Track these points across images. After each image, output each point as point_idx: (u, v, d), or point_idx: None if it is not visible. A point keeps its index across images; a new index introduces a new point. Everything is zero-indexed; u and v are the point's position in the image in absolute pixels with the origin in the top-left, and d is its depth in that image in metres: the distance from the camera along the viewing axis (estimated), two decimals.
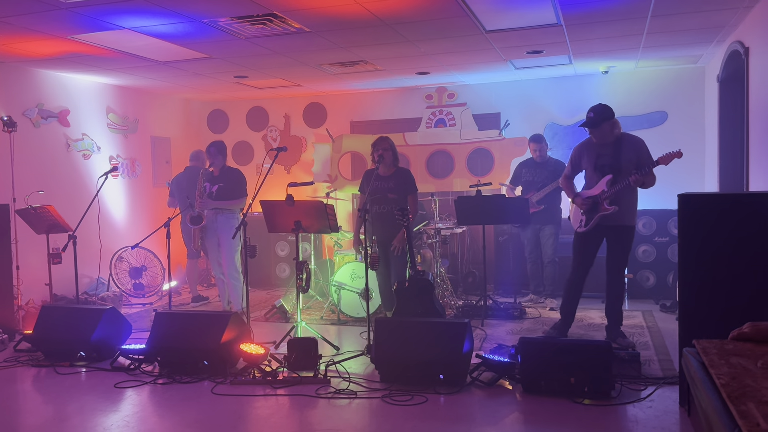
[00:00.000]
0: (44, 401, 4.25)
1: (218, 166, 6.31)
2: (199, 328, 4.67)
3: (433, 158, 8.24)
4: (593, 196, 4.94)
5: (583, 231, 5.03)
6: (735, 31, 5.85)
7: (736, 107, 6.20)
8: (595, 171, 4.97)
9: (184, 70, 7.00)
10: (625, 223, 4.94)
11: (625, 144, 4.93)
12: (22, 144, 6.59)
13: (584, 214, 5.02)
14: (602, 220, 4.92)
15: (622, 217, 4.90)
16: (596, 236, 5.03)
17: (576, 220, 5.14)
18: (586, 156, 5.05)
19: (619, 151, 4.90)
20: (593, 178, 5.00)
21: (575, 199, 5.07)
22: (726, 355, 2.03)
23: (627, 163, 4.87)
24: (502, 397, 4.00)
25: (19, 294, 6.18)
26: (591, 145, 5.04)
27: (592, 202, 4.94)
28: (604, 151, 4.94)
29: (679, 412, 3.66)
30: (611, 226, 4.94)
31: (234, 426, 3.66)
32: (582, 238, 5.09)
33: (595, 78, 7.92)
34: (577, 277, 5.13)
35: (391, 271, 5.67)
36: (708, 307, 3.51)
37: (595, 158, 4.97)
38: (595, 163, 4.97)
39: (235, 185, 6.25)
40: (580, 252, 5.11)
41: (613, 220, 4.91)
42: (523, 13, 5.09)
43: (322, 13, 4.94)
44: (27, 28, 5.15)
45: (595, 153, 4.99)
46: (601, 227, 4.96)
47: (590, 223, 4.97)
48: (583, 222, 5.04)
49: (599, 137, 4.93)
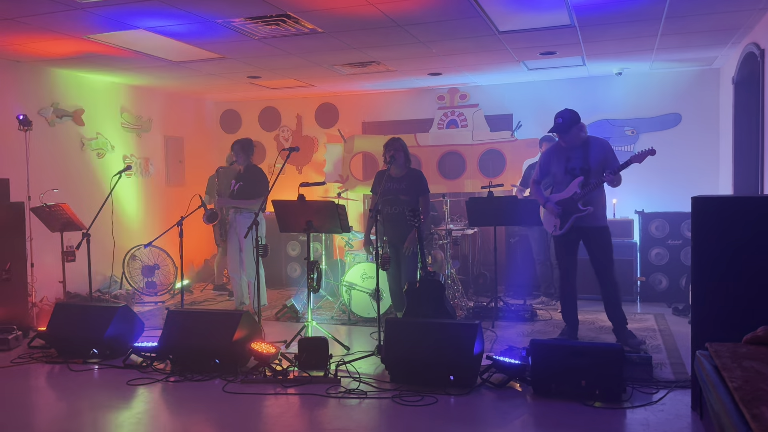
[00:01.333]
0: (57, 398, 4.30)
1: (242, 163, 6.35)
2: (210, 327, 4.70)
3: (445, 159, 8.24)
4: (565, 199, 5.06)
5: (560, 234, 5.15)
6: (750, 33, 5.80)
7: (751, 109, 6.16)
8: (566, 174, 5.11)
9: (197, 70, 7.04)
10: (599, 224, 5.08)
11: (593, 146, 5.09)
12: (37, 143, 6.66)
13: (558, 217, 5.12)
14: (577, 222, 5.04)
15: (596, 218, 5.05)
16: (572, 238, 5.16)
17: (549, 225, 5.27)
18: (556, 160, 5.19)
19: (588, 153, 5.05)
20: (563, 181, 5.13)
21: (546, 204, 5.19)
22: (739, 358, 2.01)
23: (596, 165, 5.02)
24: (512, 399, 3.99)
25: (34, 291, 6.24)
26: (560, 149, 5.18)
27: (564, 206, 5.06)
28: (574, 154, 5.09)
29: (691, 415, 3.64)
30: (586, 227, 5.07)
31: (244, 424, 3.68)
32: (560, 242, 5.23)
33: (608, 79, 7.88)
34: (567, 281, 5.25)
35: (401, 271, 5.67)
36: (721, 310, 3.48)
37: (565, 162, 5.11)
38: (566, 167, 5.11)
39: (254, 184, 6.26)
40: (562, 255, 5.26)
41: (587, 222, 5.04)
42: (537, 14, 5.08)
43: (335, 14, 4.95)
44: (43, 27, 5.20)
45: (564, 156, 5.13)
46: (576, 229, 5.09)
47: (565, 225, 5.09)
48: (557, 225, 5.15)
49: (568, 141, 5.07)
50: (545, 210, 5.26)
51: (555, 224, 5.16)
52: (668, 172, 7.59)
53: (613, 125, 7.87)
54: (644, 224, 7.00)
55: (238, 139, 6.44)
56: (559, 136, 5.10)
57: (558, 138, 5.17)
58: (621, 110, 7.86)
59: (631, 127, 7.81)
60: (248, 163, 6.37)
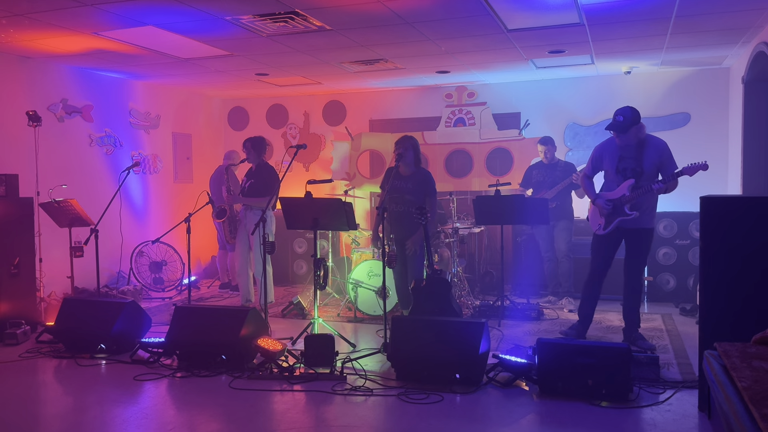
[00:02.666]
0: (64, 392, 4.32)
1: (253, 161, 6.34)
2: (217, 323, 4.71)
3: (452, 157, 8.22)
4: (614, 199, 4.89)
5: (603, 234, 5.00)
6: (761, 33, 5.77)
7: (761, 109, 6.12)
8: (617, 173, 4.92)
9: (206, 67, 7.06)
10: (644, 225, 4.90)
11: (649, 147, 4.86)
12: (46, 138, 6.69)
13: (604, 216, 4.98)
14: (621, 223, 4.89)
15: (642, 220, 4.87)
16: (615, 239, 5.00)
17: (595, 222, 5.10)
18: (608, 157, 4.99)
19: (642, 154, 4.84)
20: (614, 180, 4.95)
21: (596, 200, 5.01)
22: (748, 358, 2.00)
23: (650, 167, 4.82)
24: (518, 398, 3.98)
25: (42, 286, 6.27)
26: (613, 145, 4.97)
27: (613, 205, 4.90)
28: (627, 153, 4.88)
29: (699, 416, 3.62)
30: (630, 229, 4.90)
31: (251, 420, 3.69)
32: (601, 241, 5.06)
33: (617, 78, 7.85)
34: (595, 279, 5.10)
35: (408, 269, 5.67)
36: (729, 310, 3.47)
37: (617, 160, 4.91)
38: (617, 166, 4.91)
39: (264, 183, 6.27)
40: (598, 254, 5.09)
41: (633, 224, 4.88)
42: (546, 12, 5.06)
43: (343, 11, 4.95)
44: (53, 24, 5.22)
45: (617, 155, 4.92)
46: (620, 230, 4.93)
47: (610, 226, 4.93)
48: (602, 225, 5.00)
49: (624, 140, 4.86)
50: (594, 207, 5.09)
51: (600, 223, 5.01)
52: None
53: None
54: None
55: (250, 137, 6.42)
56: (616, 134, 4.88)
57: (614, 135, 4.94)
58: None
59: None
60: (260, 161, 6.37)
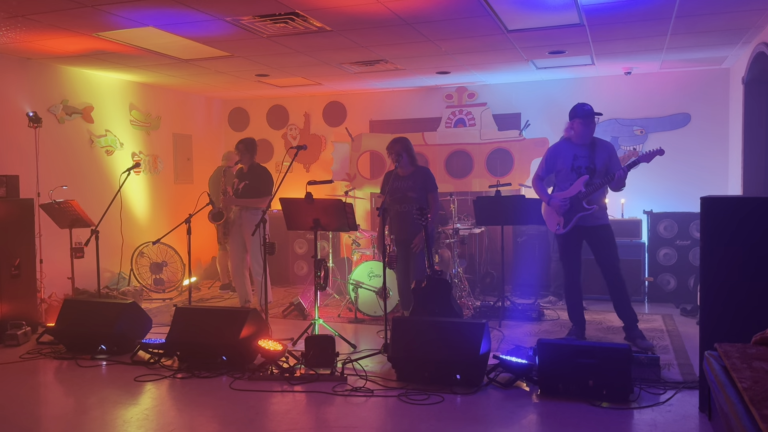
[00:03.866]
0: (65, 393, 4.32)
1: (246, 163, 6.33)
2: (218, 324, 4.71)
3: (452, 158, 8.22)
4: (570, 197, 5.06)
5: (563, 233, 5.15)
6: (761, 33, 5.77)
7: (761, 109, 6.12)
8: (572, 171, 5.12)
9: (206, 68, 7.06)
10: (602, 222, 5.12)
11: (599, 147, 5.12)
12: (46, 139, 6.70)
13: (562, 215, 5.11)
14: (580, 221, 5.05)
15: (598, 217, 5.08)
16: (575, 237, 5.17)
17: (552, 223, 5.26)
18: (562, 157, 5.19)
19: (594, 153, 5.08)
20: (568, 178, 5.13)
21: (551, 201, 5.18)
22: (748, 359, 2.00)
23: (601, 166, 5.06)
24: (519, 399, 3.98)
25: (42, 287, 6.28)
26: (567, 146, 5.19)
27: (570, 202, 5.05)
28: (581, 152, 5.12)
29: (699, 416, 3.62)
30: (589, 227, 5.09)
31: (251, 421, 3.69)
32: (564, 240, 5.22)
33: (617, 79, 7.85)
34: (572, 281, 5.26)
35: (409, 270, 5.67)
36: (730, 311, 3.47)
37: (572, 159, 5.13)
38: (572, 164, 5.13)
39: (260, 183, 6.26)
40: (566, 254, 5.26)
41: (590, 221, 5.06)
42: (546, 13, 5.06)
43: (343, 12, 4.96)
44: (53, 25, 5.23)
45: (572, 154, 5.15)
46: (579, 228, 5.10)
47: (569, 224, 5.09)
48: (561, 224, 5.15)
49: (590, 132, 5.08)
50: (549, 207, 5.24)
51: (558, 222, 5.16)
52: (677, 172, 7.56)
53: (622, 125, 7.84)
54: (653, 224, 6.97)
55: (243, 139, 6.42)
56: (588, 123, 5.03)
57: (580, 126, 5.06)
58: (630, 110, 7.82)
59: (639, 127, 7.78)
60: (252, 162, 6.37)
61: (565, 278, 5.32)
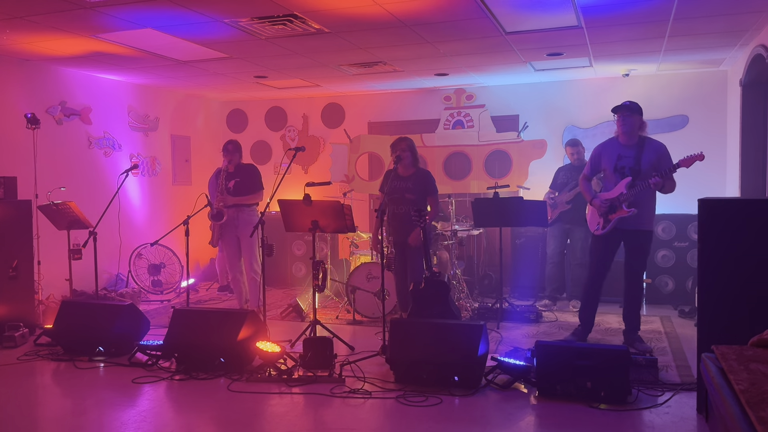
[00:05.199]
0: (63, 395, 4.32)
1: (235, 163, 6.33)
2: (216, 326, 4.71)
3: (451, 160, 8.23)
4: (611, 198, 4.91)
5: (601, 234, 5.01)
6: (759, 35, 5.78)
7: (758, 112, 6.13)
8: (615, 172, 4.94)
9: (204, 69, 7.06)
10: (643, 227, 4.91)
11: (647, 147, 4.89)
12: (44, 141, 6.69)
13: (602, 216, 4.99)
14: (620, 224, 4.89)
15: (641, 221, 4.87)
16: (614, 240, 5.01)
17: (593, 223, 5.12)
18: (607, 156, 5.02)
19: (641, 153, 4.86)
20: (612, 179, 4.97)
21: (593, 201, 5.05)
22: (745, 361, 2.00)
23: (647, 167, 4.83)
24: (517, 401, 3.98)
25: (40, 289, 6.27)
26: (613, 145, 5.01)
27: (610, 204, 4.91)
28: (626, 152, 4.91)
29: (697, 418, 3.63)
30: (629, 230, 4.90)
31: (249, 423, 3.68)
32: (599, 242, 5.06)
33: (615, 81, 7.86)
34: (594, 282, 5.10)
35: (406, 271, 5.66)
36: (727, 313, 3.47)
37: (616, 159, 4.94)
38: (615, 165, 4.93)
39: (250, 179, 6.26)
40: (597, 255, 5.09)
41: (632, 225, 4.87)
42: (544, 15, 5.07)
43: (342, 14, 4.96)
44: (51, 26, 5.22)
45: (616, 154, 4.95)
46: (618, 231, 4.93)
47: (608, 226, 4.94)
48: (600, 225, 5.01)
49: (627, 129, 4.87)
50: (591, 207, 5.12)
51: (599, 223, 5.02)
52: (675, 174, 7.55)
53: None
54: None
55: (231, 140, 6.40)
56: (621, 117, 4.87)
57: (617, 124, 4.95)
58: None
59: None
60: (239, 162, 6.36)
61: (589, 277, 5.17)
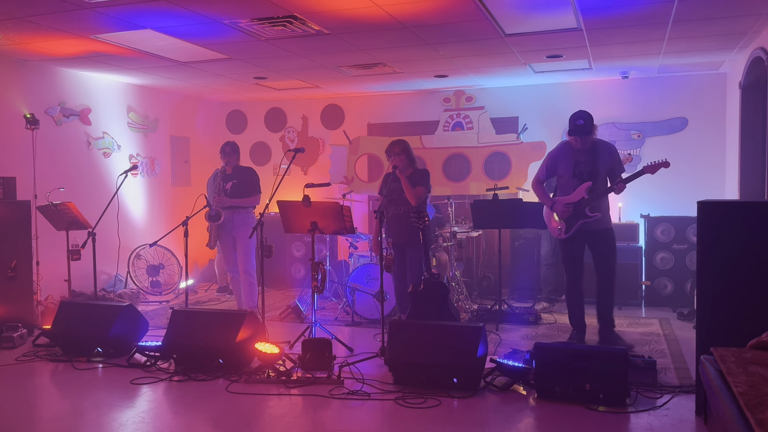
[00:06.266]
0: (61, 396, 4.31)
1: (233, 164, 6.33)
2: (214, 327, 4.70)
3: (450, 161, 8.23)
4: (573, 203, 5.02)
5: (566, 237, 5.11)
6: (758, 38, 5.79)
7: (757, 114, 6.14)
8: (573, 177, 5.06)
9: (204, 70, 7.06)
10: (606, 226, 5.08)
11: (601, 150, 5.05)
12: (44, 142, 6.69)
13: (564, 221, 5.09)
14: (584, 226, 5.02)
15: (603, 221, 5.03)
16: (579, 241, 5.13)
17: (554, 227, 5.22)
18: (564, 162, 5.13)
19: (596, 157, 5.01)
20: (570, 184, 5.08)
21: (555, 206, 5.14)
22: (744, 363, 2.00)
23: (604, 170, 5.00)
24: (515, 403, 3.98)
25: (39, 289, 6.26)
26: (569, 150, 5.13)
27: (573, 209, 5.02)
28: (582, 157, 5.05)
29: (695, 421, 3.62)
30: (593, 231, 5.05)
31: (248, 424, 3.68)
32: (566, 245, 5.18)
33: (615, 83, 7.87)
34: (574, 285, 5.21)
35: (405, 273, 5.66)
36: (726, 315, 3.47)
37: (574, 164, 5.06)
38: (574, 170, 5.06)
39: (248, 182, 6.25)
40: (569, 259, 5.21)
41: (594, 225, 5.02)
42: (544, 17, 5.08)
43: (341, 16, 4.96)
44: (51, 27, 5.22)
45: (573, 159, 5.08)
46: (582, 232, 5.07)
47: (571, 229, 5.06)
48: (562, 229, 5.12)
49: (582, 144, 5.02)
50: (551, 212, 5.21)
51: (560, 228, 5.13)
52: (674, 176, 7.52)
53: (619, 128, 7.85)
54: (650, 228, 6.98)
55: (229, 141, 6.40)
56: (581, 138, 5.00)
57: (576, 140, 5.03)
58: (627, 114, 7.84)
59: (637, 131, 7.79)
60: (237, 163, 6.36)
61: (567, 282, 5.29)
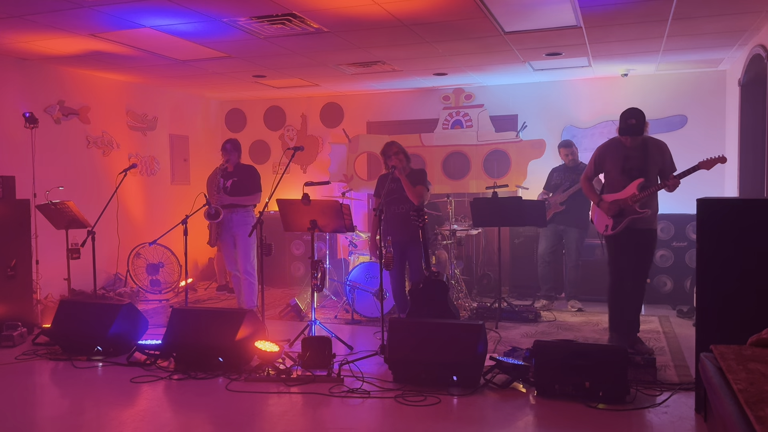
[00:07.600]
0: (61, 394, 4.31)
1: (233, 162, 6.32)
2: (214, 325, 4.70)
3: (450, 159, 8.23)
4: (621, 200, 4.85)
5: (612, 234, 4.92)
6: (757, 35, 5.78)
7: (757, 111, 6.14)
8: (623, 174, 4.88)
9: (203, 69, 7.05)
10: (652, 226, 4.89)
11: (651, 147, 4.86)
12: (43, 140, 6.68)
13: (611, 218, 4.91)
14: (631, 223, 4.83)
15: (650, 220, 4.85)
16: (626, 238, 4.89)
17: (601, 224, 5.03)
18: (611, 158, 4.96)
19: (647, 154, 4.83)
20: (619, 180, 4.91)
21: (601, 203, 4.98)
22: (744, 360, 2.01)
23: (654, 167, 4.82)
24: (515, 400, 3.98)
25: (38, 288, 6.26)
26: (618, 146, 4.94)
27: (619, 206, 4.86)
28: (632, 153, 4.86)
29: (695, 418, 3.63)
30: (639, 229, 4.84)
31: (248, 423, 3.68)
32: (614, 242, 4.96)
33: (614, 81, 7.86)
34: (620, 285, 4.96)
35: (404, 272, 5.66)
36: (726, 312, 3.47)
37: (623, 161, 4.87)
38: (623, 166, 4.87)
39: (248, 180, 6.24)
40: (615, 256, 4.97)
41: (640, 224, 4.83)
42: (543, 14, 5.07)
43: (340, 14, 4.96)
44: (50, 25, 5.22)
45: (622, 155, 4.89)
46: (629, 230, 4.86)
47: (619, 226, 4.86)
48: (609, 226, 4.93)
49: (634, 141, 4.82)
50: (598, 209, 5.03)
51: (607, 224, 4.94)
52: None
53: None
54: None
55: (230, 139, 6.38)
56: (631, 140, 4.80)
57: (627, 139, 4.84)
58: None
59: None
60: (238, 161, 6.35)
61: (611, 282, 5.02)
